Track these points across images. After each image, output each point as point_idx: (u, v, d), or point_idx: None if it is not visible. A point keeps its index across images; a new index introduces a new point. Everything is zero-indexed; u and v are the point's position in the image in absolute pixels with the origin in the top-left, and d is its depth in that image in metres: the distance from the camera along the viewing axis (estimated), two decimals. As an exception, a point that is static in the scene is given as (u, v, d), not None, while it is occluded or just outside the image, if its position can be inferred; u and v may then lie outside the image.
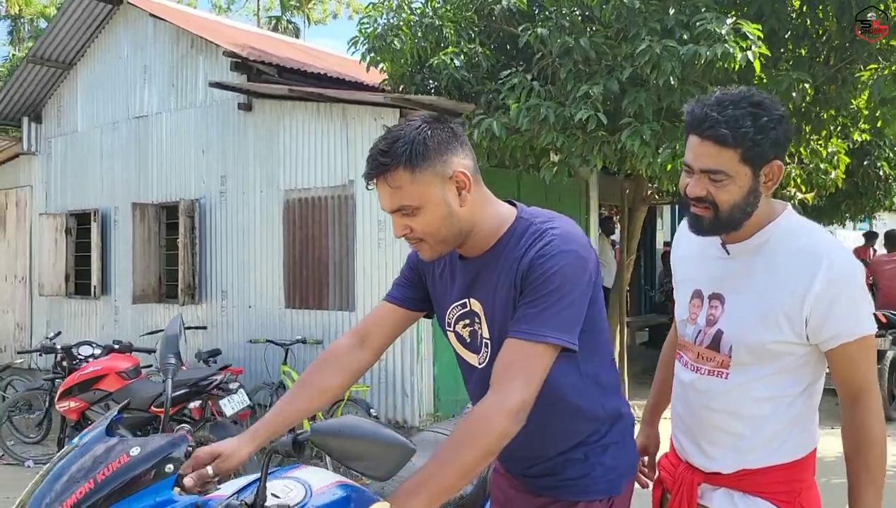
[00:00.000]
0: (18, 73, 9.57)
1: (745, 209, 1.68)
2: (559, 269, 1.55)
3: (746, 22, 4.84)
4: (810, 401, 1.77)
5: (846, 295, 1.64)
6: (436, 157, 1.58)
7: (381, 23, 5.96)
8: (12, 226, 10.32)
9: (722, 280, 1.79)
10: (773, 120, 1.62)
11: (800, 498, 1.75)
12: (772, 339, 1.69)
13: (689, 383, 1.85)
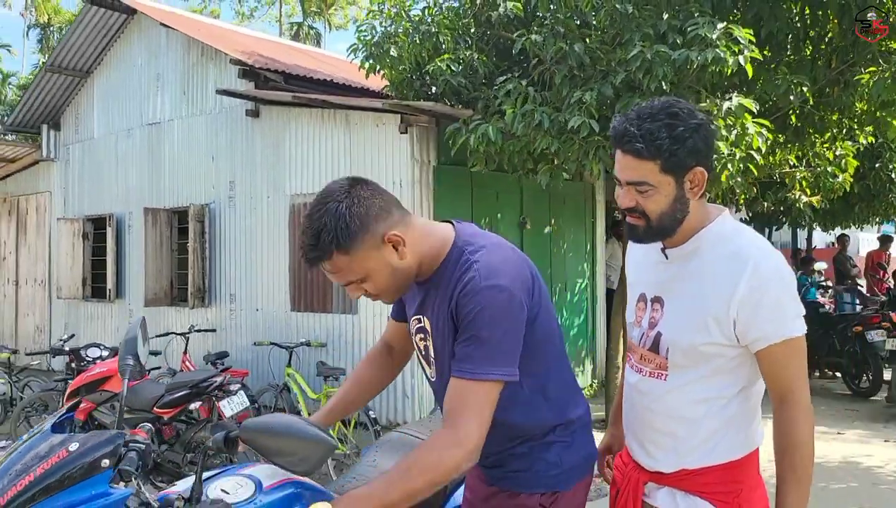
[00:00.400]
0: (38, 81, 9.85)
1: (675, 216, 1.73)
2: (484, 308, 1.60)
3: (737, 27, 4.84)
4: (747, 403, 1.78)
5: (771, 298, 1.66)
6: (363, 234, 1.60)
7: (380, 31, 6.05)
8: (33, 232, 10.60)
9: (662, 284, 1.84)
10: (690, 129, 1.66)
11: (738, 499, 1.77)
12: (702, 341, 1.72)
13: (634, 384, 1.89)
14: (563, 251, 7.96)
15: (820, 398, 8.43)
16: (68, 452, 1.54)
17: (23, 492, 1.49)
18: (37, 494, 1.49)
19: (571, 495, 1.83)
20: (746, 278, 1.66)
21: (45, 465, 1.52)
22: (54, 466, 1.52)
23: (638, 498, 1.85)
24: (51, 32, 44.42)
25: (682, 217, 1.74)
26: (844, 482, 5.48)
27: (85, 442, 1.57)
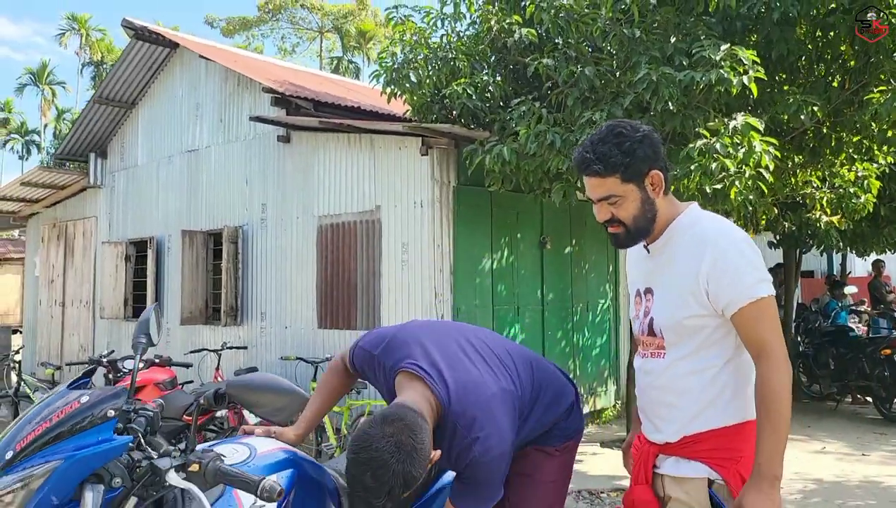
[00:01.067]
0: (86, 112, 10.42)
1: (646, 215, 2.03)
2: (487, 472, 2.03)
3: (741, 48, 4.99)
4: (739, 371, 1.98)
5: (731, 267, 1.90)
6: (421, 472, 1.85)
7: (400, 57, 6.35)
8: (79, 255, 11.12)
9: (649, 276, 2.12)
10: (636, 141, 1.97)
11: (737, 466, 1.94)
12: (684, 316, 1.97)
13: (639, 367, 2.15)
14: (584, 271, 8.08)
15: (849, 422, 8.33)
16: (80, 403, 1.78)
17: (40, 436, 1.72)
18: (51, 438, 1.72)
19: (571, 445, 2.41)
20: (708, 254, 1.92)
21: (59, 414, 1.75)
22: (67, 415, 1.75)
23: (649, 468, 2.05)
24: (104, 69, 46.42)
25: (652, 215, 2.03)
26: (863, 500, 5.45)
27: (95, 396, 1.81)
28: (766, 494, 1.83)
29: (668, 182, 2.04)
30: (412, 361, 2.09)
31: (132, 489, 1.76)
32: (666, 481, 2.02)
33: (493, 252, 7.00)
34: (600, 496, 5.58)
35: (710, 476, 1.95)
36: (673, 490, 1.99)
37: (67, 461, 1.68)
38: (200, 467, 1.73)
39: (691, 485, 1.97)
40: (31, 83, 49.66)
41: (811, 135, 6.49)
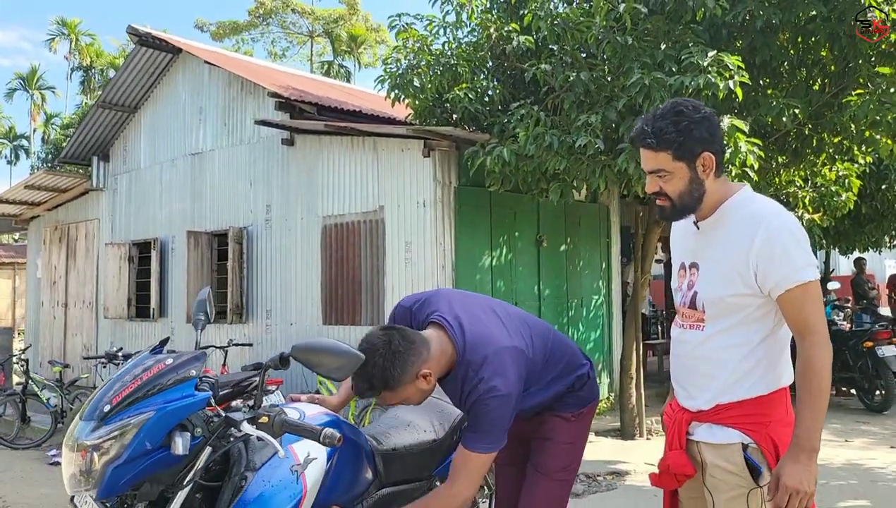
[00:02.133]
0: (89, 117, 10.64)
1: (693, 194, 2.10)
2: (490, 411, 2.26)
3: (727, 54, 5.31)
4: (774, 347, 2.08)
5: (781, 249, 1.97)
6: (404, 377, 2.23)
7: (404, 64, 6.64)
8: (82, 256, 11.31)
9: (696, 251, 2.19)
10: (693, 122, 2.04)
11: (767, 430, 2.03)
12: (729, 293, 2.05)
13: (677, 337, 2.23)
14: (578, 269, 8.39)
15: (833, 413, 8.64)
16: (165, 365, 2.06)
17: (133, 392, 2.00)
18: (142, 394, 2.00)
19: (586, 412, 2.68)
20: (760, 234, 1.99)
21: (149, 373, 2.03)
22: (155, 374, 2.04)
23: (682, 435, 2.14)
24: (93, 74, 46.41)
25: (699, 195, 2.10)
26: (845, 480, 5.77)
27: (178, 358, 2.09)
28: (803, 465, 1.90)
29: (721, 164, 2.11)
30: (439, 314, 2.39)
31: (209, 439, 2.03)
32: (702, 447, 2.10)
33: (492, 250, 7.29)
34: (597, 478, 5.88)
35: (743, 440, 2.03)
36: (711, 456, 2.07)
37: (158, 412, 1.97)
38: (269, 419, 2.01)
39: (728, 451, 2.04)
40: (20, 88, 49.54)
41: (794, 136, 6.83)
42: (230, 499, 2.11)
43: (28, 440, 8.30)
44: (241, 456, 2.14)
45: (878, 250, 12.03)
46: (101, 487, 1.94)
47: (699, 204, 2.12)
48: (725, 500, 2.05)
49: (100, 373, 9.32)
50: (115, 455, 1.92)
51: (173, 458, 1.99)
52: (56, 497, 5.71)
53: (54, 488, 6.06)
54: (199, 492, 2.11)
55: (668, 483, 2.17)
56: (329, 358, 2.02)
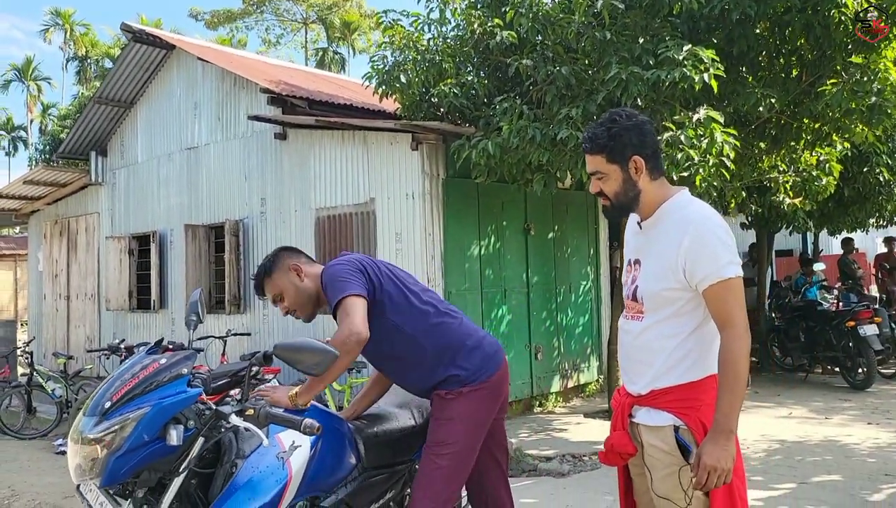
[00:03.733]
0: (86, 112, 10.80)
1: (627, 194, 2.33)
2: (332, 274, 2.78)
3: (702, 48, 5.48)
4: (704, 338, 2.27)
5: (707, 249, 2.19)
6: (275, 265, 2.91)
7: (391, 60, 6.81)
8: (83, 250, 11.52)
9: (639, 249, 2.42)
10: (624, 128, 2.29)
11: (698, 413, 2.23)
12: (662, 288, 2.27)
13: (621, 327, 2.47)
14: (566, 255, 8.59)
15: (817, 391, 8.90)
16: (159, 364, 2.28)
17: (131, 389, 2.23)
18: (140, 391, 2.22)
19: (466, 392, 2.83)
20: (689, 234, 2.22)
21: (144, 373, 2.26)
22: (151, 373, 2.26)
23: (625, 417, 2.37)
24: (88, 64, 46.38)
25: (633, 194, 2.33)
26: (820, 456, 6.01)
27: (171, 357, 2.31)
28: (721, 446, 2.11)
29: (655, 168, 2.32)
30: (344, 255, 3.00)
31: (201, 430, 2.25)
32: (641, 429, 2.31)
33: (480, 239, 7.50)
34: (582, 459, 6.11)
35: (675, 423, 2.23)
36: (647, 437, 2.29)
37: (154, 407, 2.19)
38: (255, 411, 2.22)
39: (662, 432, 2.24)
40: (16, 79, 49.50)
41: (773, 123, 7.00)
42: (222, 484, 2.34)
43: (34, 430, 8.54)
44: (231, 445, 2.37)
45: (865, 230, 12.20)
46: (104, 476, 2.16)
47: (635, 203, 2.35)
48: (660, 476, 2.27)
49: (103, 364, 9.57)
50: (117, 447, 2.14)
51: (169, 448, 2.21)
52: (62, 486, 5.94)
53: (61, 476, 6.30)
54: (194, 479, 2.34)
55: (613, 460, 2.40)
56: (307, 355, 2.26)
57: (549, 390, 8.21)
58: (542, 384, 8.09)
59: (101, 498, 2.26)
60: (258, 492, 2.31)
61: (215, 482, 2.36)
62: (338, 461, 2.67)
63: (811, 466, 5.69)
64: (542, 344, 8.11)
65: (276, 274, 2.87)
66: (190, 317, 2.67)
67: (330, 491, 2.64)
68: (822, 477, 5.38)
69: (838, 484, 5.19)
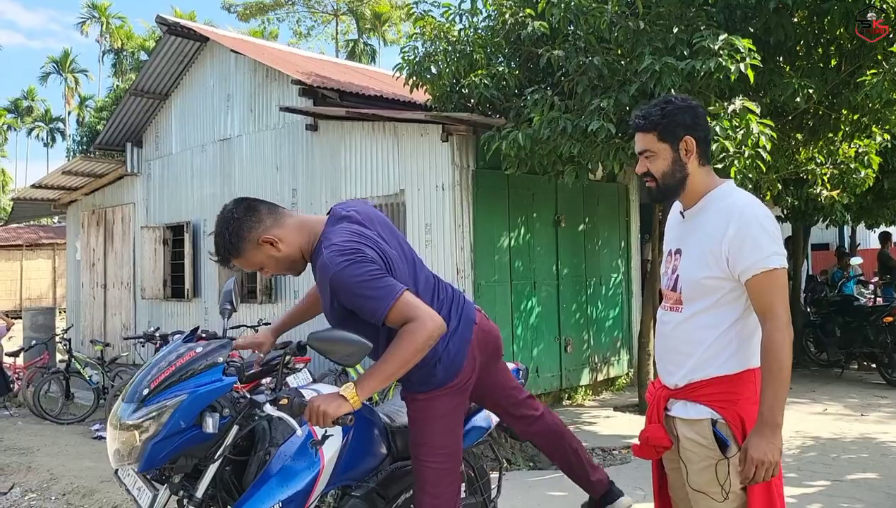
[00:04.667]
0: (122, 104, 10.98)
1: (675, 175, 2.30)
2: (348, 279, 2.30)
3: (738, 37, 5.38)
4: (743, 330, 2.24)
5: (750, 237, 2.16)
6: (243, 244, 2.39)
7: (421, 51, 6.80)
8: (119, 239, 11.74)
9: (681, 238, 2.39)
10: (678, 108, 2.28)
11: (736, 407, 2.20)
12: (703, 276, 2.24)
13: (660, 318, 2.43)
14: (597, 248, 8.53)
15: (852, 387, 8.74)
16: (196, 353, 2.32)
17: (168, 377, 2.27)
18: (176, 379, 2.27)
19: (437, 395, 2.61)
20: (734, 223, 2.19)
21: (181, 360, 2.30)
22: (187, 361, 2.30)
23: (661, 410, 2.35)
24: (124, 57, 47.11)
25: (681, 176, 2.30)
26: (856, 453, 5.90)
27: (207, 346, 2.35)
28: (767, 439, 2.09)
29: (704, 155, 2.30)
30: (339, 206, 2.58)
31: (235, 419, 2.29)
32: (677, 423, 2.29)
33: (510, 230, 7.47)
34: (612, 452, 6.09)
35: (712, 416, 2.21)
36: (684, 431, 2.27)
37: (191, 395, 2.23)
38: (289, 401, 2.25)
39: (699, 426, 2.22)
40: (54, 71, 50.49)
41: (811, 115, 6.86)
42: (256, 471, 2.38)
43: (72, 415, 8.74)
44: (265, 433, 2.41)
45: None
46: (142, 461, 2.22)
47: (682, 186, 2.32)
48: (697, 470, 2.25)
49: (139, 352, 9.75)
50: (154, 433, 2.19)
51: (204, 436, 2.25)
52: (99, 470, 6.08)
53: (98, 461, 6.44)
54: (229, 465, 2.39)
55: (648, 454, 2.38)
56: (341, 346, 2.26)
57: (578, 383, 8.18)
58: (571, 377, 8.06)
59: (139, 483, 2.32)
60: (291, 480, 2.34)
61: (249, 468, 2.40)
62: (369, 451, 2.69)
63: (846, 464, 5.59)
64: (572, 337, 8.08)
65: (248, 253, 2.40)
66: (224, 306, 2.71)
67: (361, 481, 2.66)
68: (857, 475, 5.28)
69: (874, 483, 5.09)
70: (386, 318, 2.29)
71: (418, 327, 2.27)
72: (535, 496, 5.14)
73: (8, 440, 7.87)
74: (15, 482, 6.47)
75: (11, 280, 26.35)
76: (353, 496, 2.62)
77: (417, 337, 2.27)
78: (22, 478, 6.53)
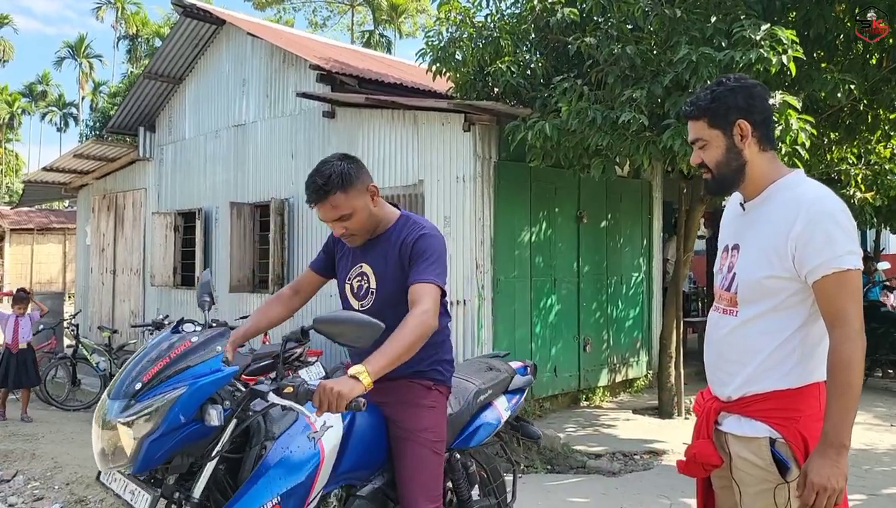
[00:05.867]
0: (136, 88, 10.81)
1: (731, 164, 2.09)
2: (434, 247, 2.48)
3: (781, 28, 5.13)
4: (808, 339, 2.00)
5: (821, 233, 1.91)
6: (356, 182, 2.46)
7: (446, 36, 6.58)
8: (129, 225, 11.58)
9: (739, 232, 2.15)
10: (728, 90, 2.06)
11: (798, 425, 1.97)
12: (765, 275, 2.00)
13: (713, 321, 2.19)
14: (618, 245, 8.30)
15: (878, 396, 8.48)
16: (192, 342, 2.15)
17: (163, 370, 2.09)
18: (172, 371, 2.09)
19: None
20: (802, 216, 1.94)
21: (175, 352, 2.13)
22: (183, 352, 2.13)
23: (710, 424, 2.12)
24: (139, 43, 47.08)
25: (737, 165, 2.08)
26: (889, 466, 5.67)
27: (204, 335, 2.19)
28: (832, 461, 1.86)
29: (766, 138, 2.07)
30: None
31: (236, 411, 2.12)
32: (730, 439, 2.08)
33: (531, 225, 7.25)
34: (633, 457, 5.87)
35: (770, 435, 1.99)
36: (737, 449, 2.05)
37: (191, 387, 2.06)
38: (294, 388, 2.08)
39: (755, 445, 2.01)
40: (69, 56, 50.52)
41: (848, 112, 6.60)
42: (252, 466, 2.22)
43: (78, 402, 8.61)
44: (259, 428, 2.25)
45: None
46: (137, 461, 2.02)
47: (740, 176, 2.09)
48: (752, 494, 2.03)
49: (147, 339, 9.59)
50: (152, 430, 2.01)
51: (204, 431, 2.09)
52: (105, 459, 5.91)
53: (104, 450, 6.27)
54: (223, 464, 2.22)
55: (695, 471, 2.16)
56: (348, 327, 2.12)
57: (596, 384, 7.95)
58: (589, 377, 7.84)
59: (132, 486, 2.14)
60: (291, 472, 2.20)
61: (244, 466, 2.24)
62: (372, 448, 2.54)
63: (881, 476, 5.35)
64: (591, 337, 7.85)
65: (355, 191, 2.43)
66: (203, 298, 2.57)
67: (366, 480, 2.52)
68: (893, 490, 5.05)
69: (912, 498, 4.86)
70: (421, 286, 2.39)
71: (429, 317, 2.33)
72: (554, 500, 4.93)
73: (13, 425, 7.73)
74: (18, 469, 6.32)
75: (22, 264, 26.34)
76: (358, 496, 2.48)
77: (426, 324, 2.30)
78: (26, 466, 6.37)
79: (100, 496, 5.38)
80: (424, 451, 2.53)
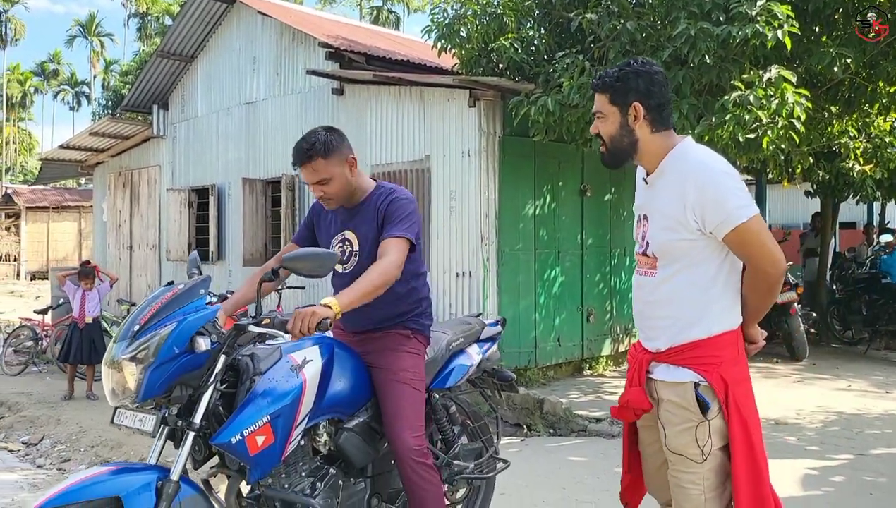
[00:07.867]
0: (149, 66, 11.00)
1: (622, 140, 2.29)
2: (403, 207, 2.82)
3: (776, 3, 5.25)
4: (724, 290, 2.23)
5: (710, 196, 2.15)
6: (336, 150, 2.80)
7: (451, 13, 6.72)
8: (144, 201, 11.85)
9: (646, 204, 2.37)
10: (634, 72, 2.24)
11: (719, 370, 2.19)
12: (672, 239, 2.23)
13: (636, 283, 2.43)
14: (622, 218, 8.47)
15: (877, 365, 8.65)
16: (178, 290, 2.51)
17: (156, 313, 2.43)
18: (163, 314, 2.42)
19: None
20: (691, 186, 2.17)
21: (166, 297, 2.47)
22: (172, 297, 2.47)
23: (643, 374, 2.33)
24: (149, 21, 47.16)
25: (629, 142, 2.28)
26: (880, 429, 5.86)
27: (188, 283, 2.55)
28: None
29: (658, 121, 2.25)
30: None
31: (223, 346, 2.45)
32: (658, 385, 2.28)
33: (535, 198, 7.43)
34: (633, 421, 6.09)
35: (696, 379, 2.19)
36: (665, 393, 2.25)
37: (180, 323, 2.40)
38: (270, 320, 2.48)
39: (681, 388, 2.21)
40: (80, 35, 50.66)
41: (846, 86, 6.71)
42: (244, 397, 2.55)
43: (98, 373, 8.90)
44: (248, 367, 2.57)
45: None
46: (141, 390, 2.34)
47: (632, 151, 2.30)
48: (675, 432, 2.24)
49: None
50: (150, 360, 2.33)
51: (197, 361, 2.41)
52: (128, 423, 6.20)
53: (126, 415, 6.56)
54: (219, 399, 2.54)
55: (627, 416, 2.39)
56: (309, 261, 2.46)
57: (599, 353, 8.18)
58: (592, 346, 8.06)
59: (139, 415, 2.45)
60: (276, 397, 2.53)
61: (237, 398, 2.55)
62: (354, 386, 2.85)
63: (870, 438, 5.55)
64: (595, 307, 8.06)
65: (334, 159, 2.79)
66: (192, 271, 2.88)
67: (352, 416, 2.82)
68: (881, 450, 5.25)
69: (899, 457, 5.06)
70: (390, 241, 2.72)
71: (394, 266, 2.67)
72: (555, 459, 5.17)
73: (38, 394, 8.06)
74: (45, 433, 6.64)
75: (38, 241, 26.79)
76: (346, 428, 2.78)
77: (389, 272, 2.64)
78: (52, 430, 6.69)
79: (124, 457, 5.67)
80: (406, 388, 2.85)
